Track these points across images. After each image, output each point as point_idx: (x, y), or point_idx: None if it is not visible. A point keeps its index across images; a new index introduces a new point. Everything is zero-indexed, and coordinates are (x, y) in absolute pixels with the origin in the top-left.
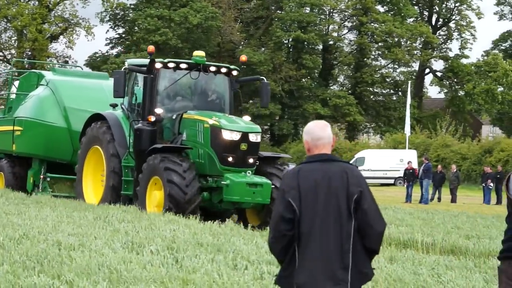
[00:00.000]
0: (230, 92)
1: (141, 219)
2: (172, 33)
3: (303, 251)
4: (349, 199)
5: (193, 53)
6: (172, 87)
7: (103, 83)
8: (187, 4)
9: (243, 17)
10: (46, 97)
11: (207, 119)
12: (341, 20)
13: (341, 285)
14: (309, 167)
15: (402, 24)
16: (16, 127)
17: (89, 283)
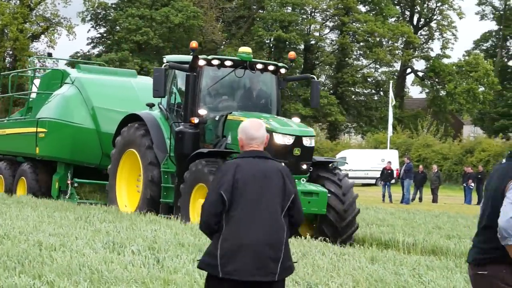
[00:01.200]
0: (278, 91)
1: (122, 219)
2: (153, 32)
3: (235, 236)
4: (285, 198)
5: (239, 49)
6: (216, 86)
7: (132, 81)
8: (169, 4)
9: (224, 16)
10: (72, 96)
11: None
12: (322, 20)
13: (270, 276)
14: (246, 161)
15: (383, 24)
16: (40, 129)
17: (70, 283)
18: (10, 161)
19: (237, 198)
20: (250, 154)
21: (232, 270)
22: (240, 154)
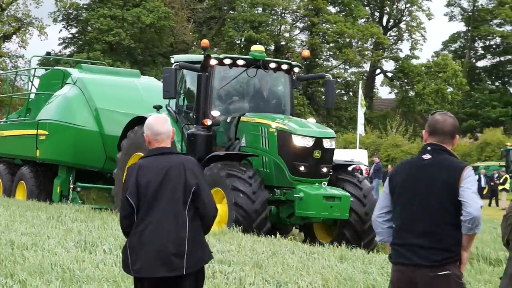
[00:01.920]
0: (291, 91)
1: (94, 219)
2: (125, 33)
3: (139, 236)
4: (186, 190)
5: (251, 47)
6: (227, 86)
7: (136, 81)
8: (140, 4)
9: (195, 17)
10: (74, 97)
11: (272, 123)
12: (292, 21)
13: (177, 270)
14: (148, 161)
15: (353, 25)
16: (40, 131)
17: (42, 282)
18: (8, 163)
19: (142, 198)
20: (153, 152)
21: (138, 269)
22: (145, 153)
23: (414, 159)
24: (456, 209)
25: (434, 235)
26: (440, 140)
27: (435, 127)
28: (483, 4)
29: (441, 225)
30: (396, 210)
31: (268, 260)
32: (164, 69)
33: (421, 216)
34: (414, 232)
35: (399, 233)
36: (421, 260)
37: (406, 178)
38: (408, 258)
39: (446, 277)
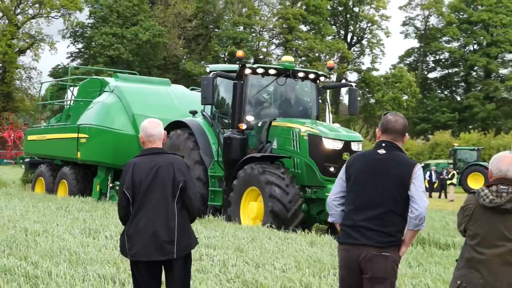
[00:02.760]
0: (317, 98)
1: (97, 209)
2: (124, 48)
3: (135, 225)
4: (175, 186)
5: (282, 58)
6: (259, 93)
7: (168, 89)
8: (137, 23)
9: (185, 34)
10: (113, 103)
11: (302, 127)
12: (269, 38)
13: (169, 255)
14: (142, 160)
15: (321, 42)
16: (81, 134)
17: (51, 264)
18: (49, 164)
19: (137, 192)
20: (146, 152)
21: (134, 253)
22: (140, 153)
23: (369, 152)
24: (404, 201)
25: (381, 220)
26: (392, 138)
27: (387, 126)
28: (434, 24)
29: (389, 213)
30: (350, 196)
31: (248, 245)
32: (203, 77)
33: (372, 202)
34: (364, 216)
35: (350, 216)
36: (367, 241)
37: (362, 169)
38: (355, 238)
39: (385, 258)
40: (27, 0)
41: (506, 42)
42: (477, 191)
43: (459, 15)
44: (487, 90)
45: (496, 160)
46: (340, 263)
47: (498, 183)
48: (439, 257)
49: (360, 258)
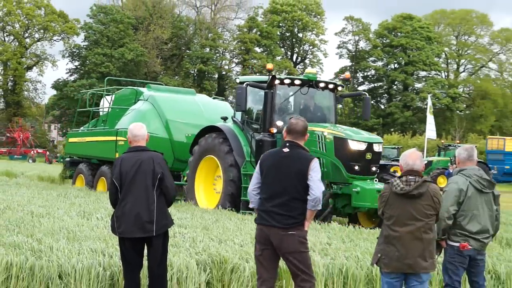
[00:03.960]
0: (335, 105)
1: (90, 195)
2: (112, 65)
3: (121, 208)
4: (154, 177)
5: (306, 70)
6: (286, 101)
7: (194, 98)
8: (123, 45)
9: (162, 54)
10: (148, 110)
11: (325, 130)
12: (230, 57)
13: (149, 233)
14: (128, 155)
15: (273, 61)
16: (119, 137)
17: (53, 240)
18: (88, 163)
19: (123, 181)
20: (132, 149)
21: (121, 231)
22: (126, 150)
23: (277, 150)
24: (304, 190)
25: (287, 207)
26: (294, 137)
27: (290, 128)
28: (362, 47)
29: (292, 200)
30: (263, 186)
31: (213, 225)
32: (237, 87)
33: (279, 192)
34: (273, 203)
35: (263, 203)
36: (275, 223)
37: (271, 164)
38: (267, 220)
39: (292, 236)
40: (33, 26)
41: (420, 62)
42: (390, 181)
43: (383, 40)
44: (405, 100)
45: (405, 156)
46: (256, 238)
47: (407, 174)
48: (366, 234)
49: (271, 236)
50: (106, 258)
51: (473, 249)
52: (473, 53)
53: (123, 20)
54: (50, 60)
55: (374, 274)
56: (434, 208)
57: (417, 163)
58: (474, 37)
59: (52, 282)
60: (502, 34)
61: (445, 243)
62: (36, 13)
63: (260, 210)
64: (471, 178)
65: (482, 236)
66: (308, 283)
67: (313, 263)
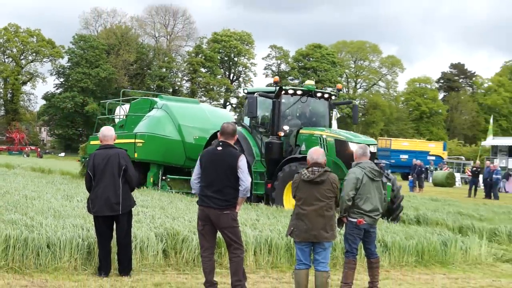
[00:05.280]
0: (329, 112)
1: (72, 183)
2: (90, 81)
3: (95, 193)
4: (120, 168)
5: (305, 82)
6: (290, 108)
7: (199, 106)
8: (99, 66)
9: (129, 73)
10: (162, 117)
11: (324, 133)
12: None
13: (116, 212)
14: (99, 152)
15: (214, 79)
16: (138, 140)
17: (42, 217)
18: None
19: (96, 172)
20: (103, 147)
21: (95, 211)
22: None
23: (212, 148)
24: (234, 179)
25: (221, 193)
26: (226, 138)
27: (222, 131)
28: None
29: (226, 187)
30: (202, 177)
31: (168, 205)
32: (248, 96)
33: (215, 181)
34: (211, 189)
35: (203, 190)
36: (213, 205)
37: (208, 159)
38: (206, 203)
39: (226, 215)
40: (27, 50)
41: (327, 80)
42: (300, 171)
43: (299, 64)
44: None
45: (311, 153)
46: (198, 216)
47: (312, 166)
48: (286, 212)
49: (210, 215)
50: (84, 232)
51: (367, 224)
52: (367, 74)
53: (98, 46)
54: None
55: (291, 243)
56: (333, 192)
57: (319, 158)
58: (367, 62)
59: (42, 250)
60: (388, 60)
61: (346, 219)
62: (30, 40)
63: (201, 195)
64: (365, 169)
65: (374, 214)
66: (239, 251)
67: (245, 235)
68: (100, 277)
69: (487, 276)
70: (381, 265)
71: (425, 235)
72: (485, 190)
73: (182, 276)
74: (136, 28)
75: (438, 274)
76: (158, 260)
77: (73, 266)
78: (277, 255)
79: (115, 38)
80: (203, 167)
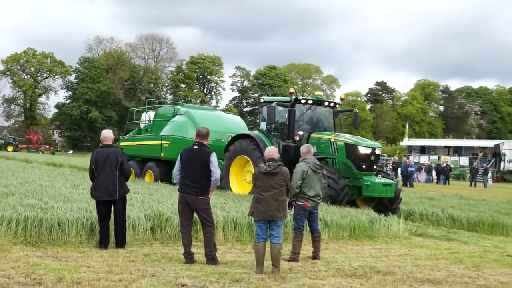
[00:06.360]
0: (334, 119)
1: (78, 175)
2: (93, 94)
3: (96, 182)
4: (117, 163)
5: (315, 92)
6: (302, 115)
7: (215, 112)
8: (99, 82)
9: (124, 87)
10: (185, 121)
11: (333, 137)
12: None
13: (114, 197)
14: (101, 150)
15: (191, 92)
16: (164, 141)
17: (54, 202)
18: (136, 161)
19: (97, 165)
20: (103, 146)
21: (97, 196)
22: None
23: (190, 148)
24: (207, 172)
25: (197, 182)
26: (200, 139)
27: (197, 134)
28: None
29: (200, 178)
30: (182, 170)
31: (155, 192)
32: (268, 106)
33: (192, 173)
34: (189, 180)
35: (183, 179)
36: (191, 192)
37: (186, 156)
38: (185, 190)
39: (201, 199)
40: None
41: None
42: (259, 165)
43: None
44: None
45: (267, 150)
46: (179, 200)
47: (269, 161)
48: (248, 197)
49: (188, 200)
50: (87, 213)
51: (311, 206)
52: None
53: (99, 66)
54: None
55: (252, 222)
56: (284, 181)
57: (274, 154)
58: (312, 80)
59: (54, 228)
60: (328, 79)
61: (294, 203)
62: (44, 61)
63: (181, 184)
64: (310, 164)
65: (316, 198)
66: (211, 228)
67: (216, 215)
68: (101, 249)
69: (404, 247)
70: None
71: (356, 215)
72: (402, 180)
73: (166, 248)
74: (129, 52)
75: (366, 246)
76: (147, 236)
77: (79, 241)
78: (241, 231)
79: (113, 60)
80: (183, 162)
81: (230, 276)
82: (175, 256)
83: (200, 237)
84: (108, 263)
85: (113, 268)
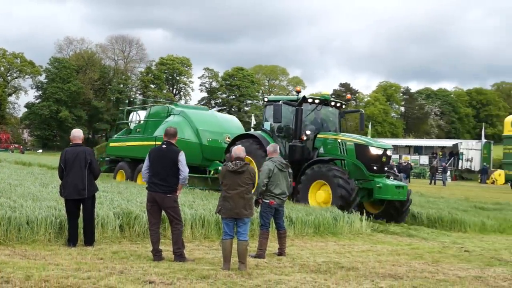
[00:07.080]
0: (340, 119)
1: (47, 174)
2: (63, 94)
3: (66, 181)
4: (85, 161)
5: (322, 92)
6: (308, 115)
7: (213, 112)
8: (70, 82)
9: (94, 87)
10: (180, 121)
11: (340, 138)
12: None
13: (83, 196)
14: (70, 149)
15: (161, 92)
16: (158, 142)
17: (23, 200)
18: (127, 162)
19: (67, 164)
20: (73, 145)
21: (65, 195)
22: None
23: (159, 147)
24: (176, 170)
25: (165, 180)
26: (168, 138)
27: (166, 133)
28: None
29: (169, 176)
30: (151, 169)
31: (124, 190)
32: (274, 104)
33: (160, 172)
34: (157, 178)
35: (151, 178)
36: (159, 190)
37: (155, 155)
38: (154, 189)
39: (169, 197)
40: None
41: (247, 95)
42: (226, 164)
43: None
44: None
45: (234, 149)
46: (147, 199)
47: (236, 160)
48: (216, 195)
49: (156, 198)
50: (56, 211)
51: (277, 204)
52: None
53: (69, 67)
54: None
55: (219, 219)
56: (251, 179)
57: (241, 153)
58: (278, 81)
59: (22, 226)
60: (294, 80)
61: (261, 200)
62: (14, 61)
63: (149, 182)
64: (276, 162)
65: (282, 196)
66: (179, 225)
67: (184, 213)
68: (69, 247)
69: (367, 243)
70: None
71: (321, 213)
72: None
73: (135, 245)
74: (99, 53)
75: (330, 242)
76: (116, 233)
77: (47, 239)
78: (208, 228)
79: (83, 60)
80: (151, 161)
81: (197, 272)
82: (143, 253)
83: (168, 234)
84: (77, 260)
85: (82, 266)
